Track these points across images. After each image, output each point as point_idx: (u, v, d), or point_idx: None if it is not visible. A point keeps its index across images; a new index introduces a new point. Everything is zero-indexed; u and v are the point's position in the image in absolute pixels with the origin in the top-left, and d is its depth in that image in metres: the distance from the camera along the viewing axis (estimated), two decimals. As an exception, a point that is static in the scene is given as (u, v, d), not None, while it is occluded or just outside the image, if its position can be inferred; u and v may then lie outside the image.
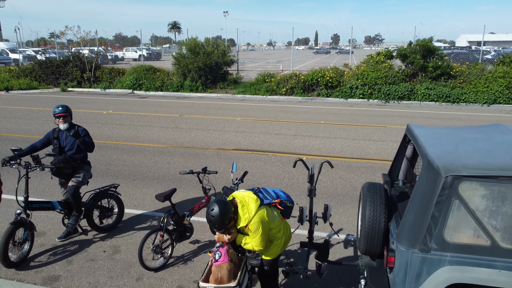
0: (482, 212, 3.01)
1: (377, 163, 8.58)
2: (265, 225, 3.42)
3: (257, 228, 3.37)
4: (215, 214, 3.28)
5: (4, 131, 11.52)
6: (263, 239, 3.43)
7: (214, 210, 3.29)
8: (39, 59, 23.22)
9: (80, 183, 5.10)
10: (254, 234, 3.40)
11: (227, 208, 3.33)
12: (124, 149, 9.64)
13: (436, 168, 3.03)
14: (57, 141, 5.09)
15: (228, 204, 3.36)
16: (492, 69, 17.17)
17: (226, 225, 3.38)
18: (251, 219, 3.37)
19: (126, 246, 5.24)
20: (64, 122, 5.06)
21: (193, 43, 20.30)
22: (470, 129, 3.90)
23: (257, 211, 3.39)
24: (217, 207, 3.28)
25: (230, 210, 3.36)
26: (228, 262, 3.50)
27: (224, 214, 3.29)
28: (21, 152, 4.85)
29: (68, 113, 5.10)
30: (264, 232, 3.42)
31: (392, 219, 3.81)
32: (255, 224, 3.37)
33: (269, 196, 3.69)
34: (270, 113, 14.51)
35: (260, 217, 3.39)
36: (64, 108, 5.07)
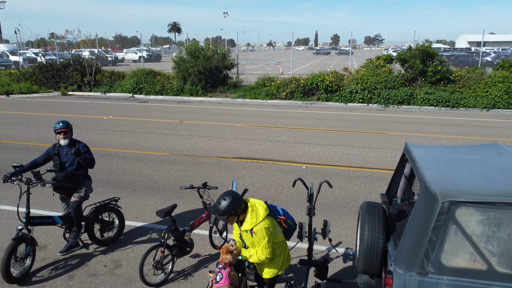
0: (478, 237, 3.05)
1: (377, 172, 8.62)
2: (270, 234, 3.48)
3: (263, 235, 3.43)
4: (227, 198, 3.43)
5: (5, 138, 11.56)
6: (269, 246, 3.48)
7: (227, 195, 3.45)
8: (39, 63, 23.30)
9: (82, 198, 5.15)
10: (260, 242, 3.45)
11: (240, 200, 3.47)
12: (125, 157, 9.68)
13: (433, 193, 3.08)
14: (57, 157, 5.13)
15: (242, 198, 3.49)
16: (491, 74, 17.21)
17: (229, 215, 3.44)
18: (257, 224, 3.45)
19: (127, 260, 5.29)
20: (65, 138, 5.10)
21: (193, 47, 20.35)
22: (467, 150, 3.94)
23: (264, 218, 3.49)
24: (231, 194, 3.46)
25: (241, 204, 3.47)
26: (228, 285, 3.55)
27: (234, 202, 3.42)
28: (22, 169, 4.89)
29: (69, 128, 5.14)
30: (270, 240, 3.48)
31: (390, 240, 3.85)
32: (261, 230, 3.44)
33: (277, 212, 3.79)
34: (270, 119, 14.55)
35: (266, 225, 3.47)
36: (65, 124, 5.11)
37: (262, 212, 3.51)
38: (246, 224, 3.49)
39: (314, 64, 51.27)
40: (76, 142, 5.20)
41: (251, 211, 3.51)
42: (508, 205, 2.96)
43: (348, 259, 5.29)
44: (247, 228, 3.48)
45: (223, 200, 3.43)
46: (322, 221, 6.33)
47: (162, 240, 4.71)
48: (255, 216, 3.48)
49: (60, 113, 15.61)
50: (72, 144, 5.16)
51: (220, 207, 3.42)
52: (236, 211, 3.46)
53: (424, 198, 3.16)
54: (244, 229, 3.51)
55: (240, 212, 3.51)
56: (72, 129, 5.25)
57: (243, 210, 3.53)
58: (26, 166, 4.96)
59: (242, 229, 3.53)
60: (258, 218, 3.48)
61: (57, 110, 16.20)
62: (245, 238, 3.64)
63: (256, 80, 20.61)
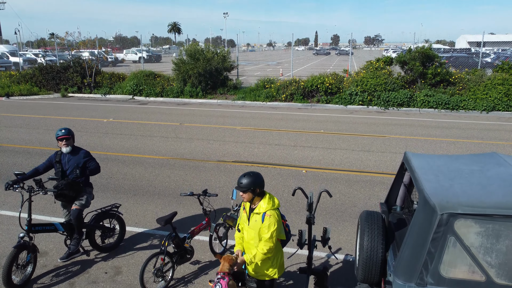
0: (477, 249, 3.07)
1: (376, 177, 8.64)
2: (278, 224, 3.61)
3: (274, 222, 3.56)
4: (251, 174, 3.58)
5: (5, 141, 11.58)
6: (275, 236, 3.58)
7: (252, 173, 3.61)
8: (39, 64, 23.31)
9: (83, 206, 5.17)
10: (270, 228, 3.55)
11: (262, 181, 3.62)
12: (125, 161, 9.71)
13: (432, 205, 3.10)
14: (59, 165, 5.14)
15: (263, 182, 3.64)
16: (491, 76, 17.24)
17: (248, 190, 3.57)
18: (272, 209, 3.61)
19: (128, 267, 5.31)
20: (67, 145, 5.12)
21: (193, 49, 20.37)
22: (466, 159, 3.96)
23: (277, 208, 3.67)
24: (256, 173, 3.63)
25: (261, 185, 3.61)
26: (228, 295, 3.57)
27: (256, 180, 3.57)
28: (24, 176, 4.91)
29: (71, 135, 5.17)
30: (276, 230, 3.59)
31: (389, 249, 3.87)
32: (274, 216, 3.58)
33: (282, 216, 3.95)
34: (270, 122, 14.57)
35: (277, 215, 3.63)
36: (67, 131, 5.14)
37: (277, 202, 3.70)
38: (261, 207, 3.62)
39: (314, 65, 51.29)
40: (78, 150, 5.22)
41: (269, 198, 3.67)
42: (505, 217, 2.98)
43: (348, 266, 5.31)
44: (261, 211, 3.61)
45: (247, 175, 3.58)
46: (321, 227, 6.35)
47: (162, 248, 4.73)
48: (272, 202, 3.65)
49: (60, 115, 15.63)
50: (74, 151, 5.18)
51: (242, 180, 3.57)
52: (255, 189, 3.58)
53: (423, 210, 3.18)
54: (258, 211, 3.63)
55: (257, 194, 3.64)
56: (74, 136, 5.27)
57: (259, 194, 3.66)
58: (28, 174, 4.98)
59: (255, 211, 3.65)
60: (274, 204, 3.65)
61: (57, 113, 16.22)
62: (251, 227, 3.70)
63: (256, 81, 20.64)
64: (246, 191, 3.59)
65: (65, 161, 5.16)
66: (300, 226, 6.40)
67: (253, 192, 3.60)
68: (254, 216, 3.67)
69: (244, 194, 3.62)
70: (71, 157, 5.14)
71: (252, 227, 3.69)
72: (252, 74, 33.24)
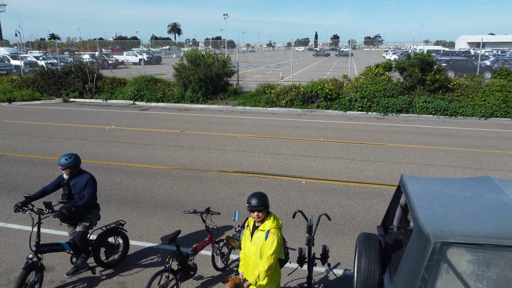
0: (469, 276, 3.22)
1: (375, 188, 8.80)
2: (280, 242, 3.85)
3: (277, 239, 3.81)
4: (263, 194, 3.89)
5: (9, 150, 11.73)
6: (276, 253, 3.81)
7: (261, 194, 3.90)
8: (40, 68, 23.45)
9: (87, 228, 5.30)
10: (273, 245, 3.78)
11: (267, 199, 3.92)
12: (128, 172, 9.86)
13: (426, 234, 3.25)
14: (66, 187, 5.26)
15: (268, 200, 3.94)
16: (489, 82, 17.39)
17: (264, 207, 3.87)
18: (275, 227, 3.89)
19: (133, 282, 5.46)
20: (68, 174, 5.21)
21: (194, 54, 20.52)
22: (460, 184, 4.11)
23: (280, 227, 3.94)
24: (263, 194, 3.92)
25: (268, 203, 3.92)
26: (232, 313, 3.72)
27: (266, 199, 3.89)
28: (32, 198, 5.03)
29: (72, 165, 5.17)
30: (278, 248, 3.81)
31: (386, 272, 4.03)
32: (276, 234, 3.83)
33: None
34: (270, 129, 14.72)
35: (280, 234, 3.88)
36: (69, 162, 5.14)
37: (280, 223, 3.99)
38: (266, 225, 3.88)
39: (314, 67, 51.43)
40: (83, 174, 5.28)
41: (273, 217, 3.97)
42: (495, 247, 3.13)
43: (347, 282, 5.46)
44: (265, 228, 3.87)
45: (257, 195, 3.88)
46: (321, 241, 6.50)
47: (166, 265, 4.88)
48: (276, 221, 3.93)
49: (62, 122, 15.78)
50: (79, 175, 5.27)
51: (256, 200, 3.85)
52: (267, 206, 3.90)
53: (417, 238, 3.33)
54: (262, 228, 3.89)
55: (267, 213, 3.96)
56: (79, 162, 5.29)
57: (268, 211, 3.97)
58: (37, 195, 5.10)
59: (260, 228, 3.91)
60: (277, 224, 3.93)
61: (59, 119, 16.37)
62: (253, 243, 3.93)
63: (256, 87, 20.79)
64: (263, 209, 3.87)
65: (71, 184, 5.27)
66: (300, 240, 6.55)
67: (266, 209, 3.90)
68: (257, 233, 3.88)
69: (260, 213, 3.88)
70: (76, 181, 5.24)
71: (254, 244, 3.88)
72: (252, 77, 33.40)
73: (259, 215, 3.88)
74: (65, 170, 5.16)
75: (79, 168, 5.33)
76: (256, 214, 3.87)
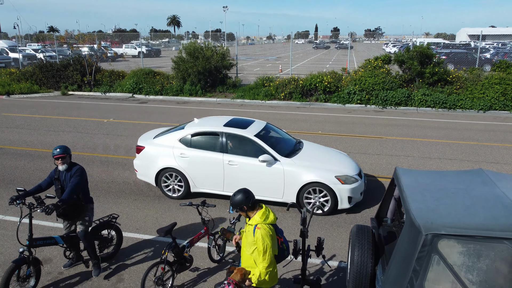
0: (459, 267, 3.26)
1: (372, 181, 8.82)
2: (270, 239, 3.75)
3: (263, 235, 3.71)
4: (239, 194, 3.85)
5: (7, 143, 11.75)
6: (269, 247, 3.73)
7: (240, 192, 3.87)
8: (39, 61, 23.41)
9: (87, 226, 5.33)
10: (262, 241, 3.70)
11: (247, 199, 3.85)
12: (126, 164, 9.88)
13: (417, 226, 3.28)
14: (58, 182, 5.26)
15: (249, 198, 3.86)
16: (488, 75, 17.36)
17: (236, 208, 3.88)
18: (262, 223, 3.78)
19: (129, 274, 5.50)
20: (63, 163, 5.20)
21: (192, 47, 20.45)
22: (453, 177, 4.13)
23: (270, 223, 3.83)
24: (243, 192, 3.88)
25: (246, 202, 3.84)
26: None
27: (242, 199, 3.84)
28: (26, 193, 5.03)
29: (67, 154, 5.20)
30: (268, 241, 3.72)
31: (379, 263, 4.06)
32: (263, 229, 3.74)
33: (278, 232, 4.11)
34: (269, 122, 14.72)
35: (268, 230, 3.78)
36: (62, 150, 5.17)
37: (271, 218, 3.87)
38: (254, 220, 3.84)
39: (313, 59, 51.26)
40: (73, 166, 5.28)
41: (263, 212, 3.87)
42: (486, 238, 3.16)
43: (341, 273, 5.51)
44: (253, 223, 3.82)
45: (237, 194, 3.88)
46: (316, 233, 6.54)
47: (162, 257, 4.92)
48: (265, 217, 3.83)
49: (61, 115, 15.78)
50: (70, 168, 5.25)
51: (231, 200, 3.90)
52: (242, 207, 3.87)
53: (409, 230, 3.36)
54: (250, 223, 3.86)
55: (247, 209, 3.89)
56: (71, 153, 5.32)
57: (252, 207, 3.89)
58: (31, 191, 5.08)
59: (249, 222, 3.89)
60: (267, 219, 3.82)
61: (58, 112, 16.36)
62: (245, 235, 3.93)
63: (255, 80, 20.75)
64: (240, 209, 3.88)
65: (63, 179, 5.25)
66: (296, 232, 6.59)
67: (241, 210, 3.88)
68: (247, 226, 3.90)
69: (240, 211, 3.90)
70: (68, 175, 5.23)
71: (245, 237, 3.92)
72: (251, 70, 33.31)
73: (241, 213, 3.95)
74: (60, 160, 5.17)
75: (71, 161, 5.34)
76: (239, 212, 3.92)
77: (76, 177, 5.16)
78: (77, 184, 5.12)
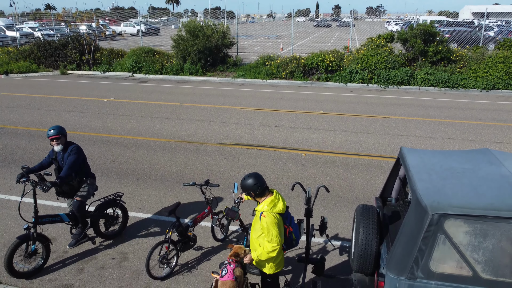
0: (465, 246, 3.26)
1: (374, 160, 8.81)
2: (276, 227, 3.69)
3: (269, 222, 3.67)
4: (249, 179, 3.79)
5: (8, 123, 11.69)
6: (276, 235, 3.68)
7: (250, 177, 3.80)
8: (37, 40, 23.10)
9: (84, 197, 5.33)
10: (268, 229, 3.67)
11: (256, 185, 3.77)
12: (127, 144, 9.85)
13: (424, 206, 3.26)
14: (56, 162, 5.26)
15: (259, 184, 3.77)
16: (492, 54, 17.14)
17: (246, 193, 3.83)
18: (269, 211, 3.72)
19: (134, 253, 5.54)
20: (58, 144, 5.18)
21: (192, 25, 20.13)
22: (459, 157, 4.10)
23: (277, 212, 3.75)
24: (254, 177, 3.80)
25: (255, 189, 3.76)
26: (232, 280, 3.80)
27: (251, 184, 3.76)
28: (29, 170, 5.04)
29: (61, 134, 5.18)
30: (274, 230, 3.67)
31: (383, 242, 4.07)
32: (268, 217, 3.67)
33: (288, 221, 4.04)
34: (270, 101, 14.62)
35: (274, 219, 3.70)
36: (56, 130, 5.14)
37: (279, 207, 3.77)
38: (261, 206, 3.78)
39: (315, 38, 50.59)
40: (69, 145, 5.26)
41: (271, 200, 3.78)
42: (493, 218, 3.15)
43: (344, 253, 5.55)
44: (260, 209, 3.78)
45: (247, 178, 3.81)
46: (320, 213, 6.56)
47: (166, 237, 4.95)
48: (272, 205, 3.75)
49: (60, 94, 15.66)
50: (66, 148, 5.23)
51: (242, 182, 3.84)
52: (249, 193, 3.82)
53: (415, 210, 3.35)
54: (257, 209, 3.83)
55: (256, 195, 3.82)
56: (66, 134, 5.29)
57: (261, 194, 3.81)
58: (33, 168, 5.11)
59: (256, 208, 3.86)
60: (273, 207, 3.75)
61: (57, 92, 16.24)
62: (254, 220, 3.91)
63: (256, 58, 20.53)
64: (248, 193, 3.85)
65: (60, 158, 5.25)
66: (299, 212, 6.61)
67: (249, 194, 3.84)
68: (256, 212, 3.88)
69: (248, 195, 3.91)
70: (65, 155, 5.21)
71: (254, 223, 3.92)
72: (252, 49, 32.91)
73: (248, 197, 3.95)
74: (55, 141, 5.15)
75: (66, 140, 5.30)
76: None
77: (73, 155, 5.15)
78: (74, 162, 5.13)
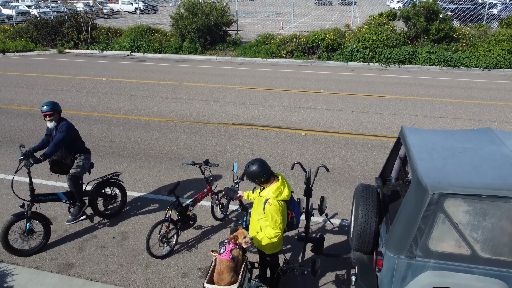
0: (464, 226, 3.26)
1: (374, 140, 8.78)
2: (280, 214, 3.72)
3: (273, 210, 3.67)
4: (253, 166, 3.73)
5: (6, 102, 11.60)
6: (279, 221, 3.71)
7: (254, 164, 3.74)
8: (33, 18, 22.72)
9: (79, 172, 5.32)
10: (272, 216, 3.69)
11: (261, 172, 3.72)
12: (126, 124, 9.80)
13: (424, 185, 3.24)
14: (50, 138, 5.24)
15: (264, 171, 3.72)
16: (495, 32, 16.88)
17: (251, 180, 3.79)
18: (274, 198, 3.71)
19: (134, 232, 5.57)
20: (51, 120, 5.15)
21: (191, 3, 19.75)
22: (461, 136, 4.06)
23: (283, 200, 3.75)
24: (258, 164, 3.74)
25: (261, 175, 3.71)
26: (229, 259, 3.82)
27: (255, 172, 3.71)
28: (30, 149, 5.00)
29: (54, 110, 5.14)
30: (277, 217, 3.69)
31: (382, 222, 4.08)
32: (273, 205, 3.68)
33: (292, 206, 4.07)
34: (270, 80, 14.49)
35: (279, 206, 3.71)
36: (49, 106, 5.10)
37: (284, 194, 3.76)
38: (267, 193, 3.75)
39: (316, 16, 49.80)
40: (61, 122, 5.22)
41: (277, 187, 3.75)
42: (493, 198, 3.14)
43: (344, 232, 5.58)
44: (266, 196, 3.75)
45: (251, 166, 3.75)
46: (319, 192, 6.57)
47: (166, 216, 4.96)
48: (278, 192, 3.73)
49: (58, 74, 15.50)
50: (59, 125, 5.19)
51: (246, 170, 3.79)
52: (254, 180, 3.78)
53: (415, 189, 3.33)
54: (262, 195, 3.80)
55: (261, 182, 3.79)
56: (59, 110, 5.25)
57: (266, 180, 3.78)
58: (36, 147, 5.09)
59: (261, 194, 3.82)
60: (279, 195, 3.73)
61: (55, 71, 16.07)
62: (257, 204, 3.90)
63: (256, 37, 20.23)
64: (253, 180, 3.80)
65: (54, 135, 5.23)
66: (299, 191, 6.62)
67: (254, 182, 3.80)
68: (259, 197, 3.86)
69: (252, 182, 3.84)
70: (58, 132, 5.19)
71: (256, 206, 3.91)
72: (252, 27, 32.41)
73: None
74: (48, 117, 5.11)
75: (60, 117, 5.26)
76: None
77: (62, 132, 5.11)
78: (62, 139, 5.08)
